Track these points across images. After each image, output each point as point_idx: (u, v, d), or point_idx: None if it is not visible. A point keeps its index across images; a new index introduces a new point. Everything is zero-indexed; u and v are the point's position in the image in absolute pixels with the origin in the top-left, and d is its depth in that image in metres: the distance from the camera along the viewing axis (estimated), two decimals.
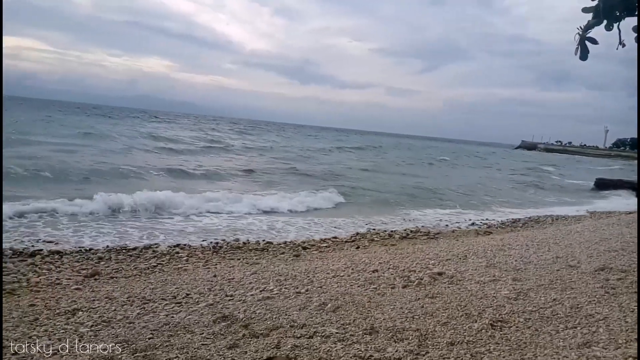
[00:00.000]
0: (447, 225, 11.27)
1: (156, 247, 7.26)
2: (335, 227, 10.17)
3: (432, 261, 5.93)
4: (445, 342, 3.26)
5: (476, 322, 3.64)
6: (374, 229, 10.01)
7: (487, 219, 12.71)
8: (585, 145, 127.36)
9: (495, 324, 3.61)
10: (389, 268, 5.57)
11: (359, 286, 4.77)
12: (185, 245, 7.68)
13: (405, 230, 10.00)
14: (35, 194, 10.46)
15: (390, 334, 3.39)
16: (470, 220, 12.26)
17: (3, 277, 5.28)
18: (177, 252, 7.09)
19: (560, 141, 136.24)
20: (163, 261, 6.52)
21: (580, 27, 3.42)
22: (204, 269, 6.10)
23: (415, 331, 3.44)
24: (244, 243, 8.10)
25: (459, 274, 5.25)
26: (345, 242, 8.57)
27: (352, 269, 5.55)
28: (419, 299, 4.28)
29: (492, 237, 8.83)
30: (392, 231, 9.76)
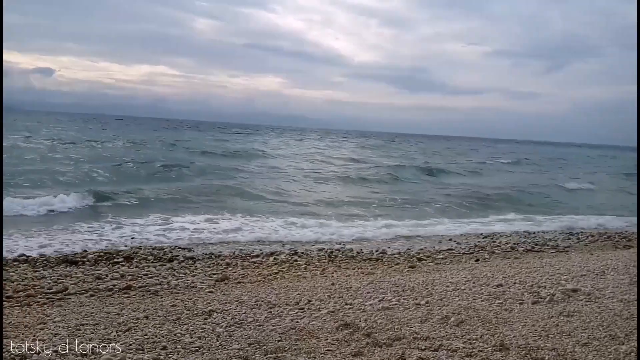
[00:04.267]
0: (578, 238, 10.30)
1: (277, 255, 7.61)
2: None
3: (564, 276, 5.47)
4: None
5: (623, 344, 3.28)
6: (494, 242, 9.51)
7: (625, 230, 11.41)
8: None
9: None
10: (514, 283, 5.25)
11: (482, 300, 4.55)
12: (302, 253, 7.96)
13: (530, 242, 9.36)
14: None
15: (523, 352, 3.18)
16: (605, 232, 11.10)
17: (148, 279, 5.91)
18: (296, 260, 7.37)
19: None
20: (283, 268, 6.81)
21: None
22: (322, 277, 6.26)
23: (552, 350, 3.19)
24: (358, 253, 8.17)
25: (597, 291, 4.78)
26: (463, 254, 8.24)
27: (474, 283, 5.32)
28: (552, 316, 3.97)
29: (633, 252, 7.90)
30: (514, 244, 9.19)
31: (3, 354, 3.14)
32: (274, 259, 7.37)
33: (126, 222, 9.69)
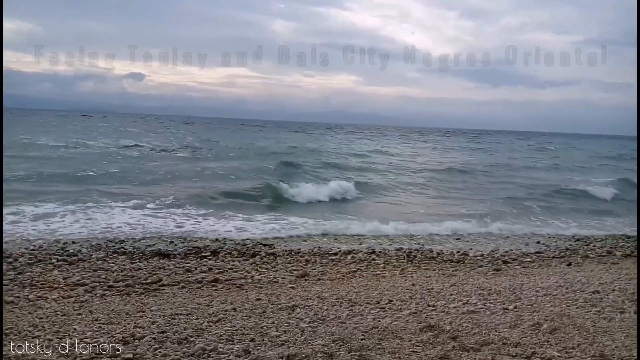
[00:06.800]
0: None
1: (355, 254, 7.63)
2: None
3: None
4: None
5: None
6: (587, 245, 8.87)
7: None
8: None
9: None
10: (613, 290, 4.88)
11: (577, 307, 4.28)
12: (380, 252, 7.91)
13: (629, 246, 8.63)
14: None
15: None
16: None
17: (233, 273, 6.17)
18: (374, 259, 7.34)
19: None
20: (362, 267, 6.81)
21: None
22: (401, 277, 6.18)
23: None
24: (438, 253, 7.97)
25: None
26: (553, 257, 7.77)
27: (567, 288, 5.02)
28: None
29: None
30: (611, 247, 8.51)
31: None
32: (352, 257, 7.39)
33: None
